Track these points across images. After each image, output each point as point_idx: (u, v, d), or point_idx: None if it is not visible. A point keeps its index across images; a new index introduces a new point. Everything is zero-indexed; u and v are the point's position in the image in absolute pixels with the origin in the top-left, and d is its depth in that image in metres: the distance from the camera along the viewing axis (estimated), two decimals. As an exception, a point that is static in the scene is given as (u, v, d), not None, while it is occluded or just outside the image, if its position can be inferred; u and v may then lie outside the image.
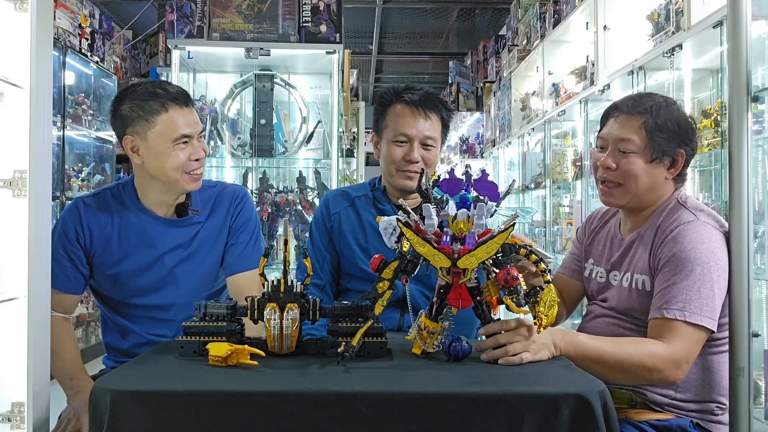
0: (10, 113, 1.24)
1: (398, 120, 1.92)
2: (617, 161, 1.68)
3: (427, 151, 1.91)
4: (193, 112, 1.82)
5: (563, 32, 4.61)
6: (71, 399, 1.76)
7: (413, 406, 1.15)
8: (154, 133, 1.75)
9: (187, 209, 1.86)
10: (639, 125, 1.65)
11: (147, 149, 1.76)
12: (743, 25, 1.56)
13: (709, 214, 1.65)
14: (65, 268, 1.80)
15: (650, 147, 1.64)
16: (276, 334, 1.39)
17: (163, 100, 1.75)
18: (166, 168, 1.76)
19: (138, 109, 1.75)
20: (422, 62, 9.78)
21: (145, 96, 1.76)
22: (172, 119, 1.75)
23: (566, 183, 4.84)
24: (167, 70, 3.90)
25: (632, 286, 1.67)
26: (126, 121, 1.77)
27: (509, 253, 1.38)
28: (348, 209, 2.00)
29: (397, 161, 1.91)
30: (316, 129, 3.72)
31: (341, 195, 2.04)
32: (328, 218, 2.00)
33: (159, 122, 1.74)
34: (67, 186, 4.82)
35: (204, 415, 1.15)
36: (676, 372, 1.50)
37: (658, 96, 1.73)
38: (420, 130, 1.89)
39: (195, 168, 1.79)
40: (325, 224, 2.00)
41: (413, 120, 1.90)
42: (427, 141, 1.91)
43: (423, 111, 1.90)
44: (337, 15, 3.56)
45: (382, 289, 1.38)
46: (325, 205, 2.03)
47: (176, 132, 1.75)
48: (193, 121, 1.80)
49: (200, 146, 1.81)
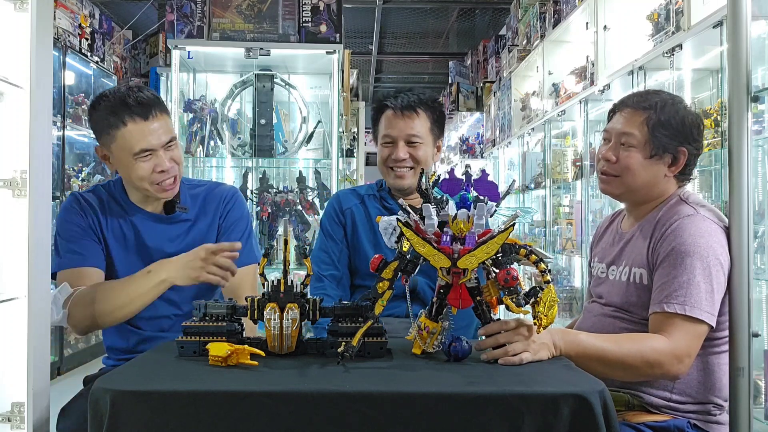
0: (10, 113, 1.25)
1: (385, 123, 2.05)
2: (617, 154, 1.70)
3: (413, 149, 2.01)
4: (161, 119, 1.77)
5: (563, 32, 4.61)
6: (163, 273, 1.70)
7: (413, 406, 1.15)
8: (116, 147, 1.76)
9: (175, 206, 1.88)
10: (642, 120, 1.67)
11: (114, 159, 1.79)
12: (743, 25, 1.56)
13: (710, 209, 1.65)
14: (84, 245, 1.80)
15: (650, 143, 1.65)
16: (276, 334, 1.39)
17: (122, 115, 1.73)
18: (133, 178, 1.78)
19: (101, 122, 1.77)
20: (422, 62, 9.77)
21: (107, 111, 1.75)
22: (131, 134, 1.74)
23: (566, 183, 4.84)
24: (167, 70, 3.91)
25: (630, 279, 1.67)
26: (94, 132, 1.80)
27: (509, 253, 1.38)
28: (359, 206, 2.09)
29: (385, 160, 2.04)
30: (316, 129, 3.72)
31: (351, 192, 2.15)
32: (341, 213, 2.09)
33: (118, 137, 1.75)
34: (67, 186, 4.82)
35: (204, 415, 1.15)
36: (678, 366, 1.50)
37: (666, 93, 1.74)
38: (402, 129, 2.01)
39: (161, 180, 1.78)
40: (338, 218, 2.09)
41: (396, 122, 2.02)
42: (411, 139, 2.01)
43: (406, 112, 2.02)
44: (337, 15, 3.56)
45: (382, 289, 1.38)
46: (337, 201, 2.13)
47: (135, 146, 1.74)
48: (159, 132, 1.76)
49: (167, 156, 1.78)
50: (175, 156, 1.81)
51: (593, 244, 1.96)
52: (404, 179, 2.01)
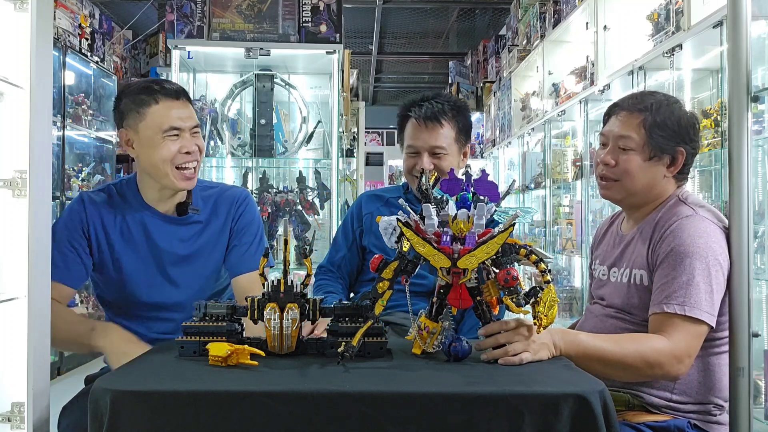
0: (10, 113, 1.24)
1: (409, 134, 2.07)
2: (616, 158, 1.69)
3: (437, 159, 2.02)
4: (188, 106, 1.82)
5: (563, 32, 4.61)
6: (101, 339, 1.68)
7: (413, 406, 1.15)
8: (145, 125, 1.77)
9: (187, 208, 1.87)
10: (638, 123, 1.66)
11: (139, 142, 1.79)
12: (743, 25, 1.56)
13: (709, 210, 1.65)
14: (66, 258, 1.79)
15: (649, 144, 1.65)
16: (276, 334, 1.39)
17: (154, 93, 1.77)
18: (156, 159, 1.77)
19: (131, 103, 1.78)
20: (422, 62, 9.77)
21: (138, 90, 1.79)
22: (162, 110, 1.77)
23: (566, 183, 4.84)
24: (167, 70, 3.90)
25: (631, 281, 1.67)
26: (122, 115, 1.81)
27: (509, 253, 1.38)
28: (381, 208, 2.12)
29: (410, 170, 2.07)
30: (316, 129, 3.72)
31: (375, 196, 2.21)
32: (359, 219, 2.15)
33: (149, 114, 1.77)
34: (67, 186, 4.82)
35: (204, 415, 1.15)
36: (678, 367, 1.50)
37: (660, 94, 1.74)
38: (426, 141, 2.02)
39: (185, 161, 1.79)
40: (353, 225, 2.15)
41: (420, 132, 2.04)
42: (435, 150, 2.02)
43: (429, 123, 2.03)
44: (337, 15, 3.55)
45: (382, 289, 1.38)
46: (358, 206, 2.18)
47: (165, 123, 1.76)
48: (186, 115, 1.80)
49: (193, 141, 1.81)
50: (199, 143, 1.83)
51: (593, 247, 1.96)
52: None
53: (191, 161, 1.80)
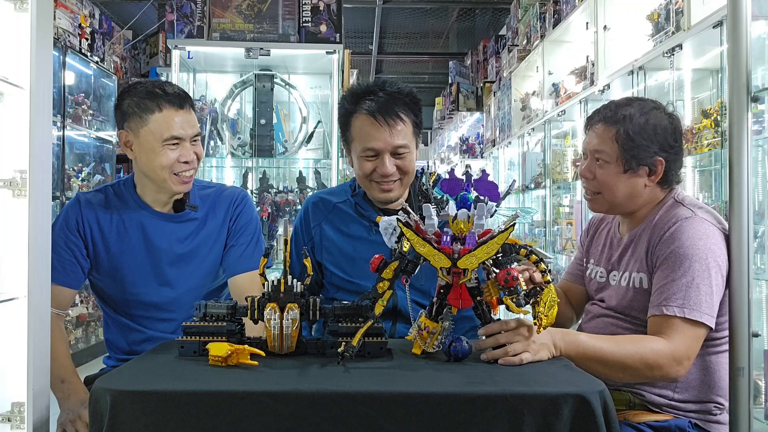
0: (10, 113, 1.24)
1: (362, 133, 1.76)
2: (593, 171, 1.70)
3: (400, 160, 1.75)
4: (190, 114, 1.82)
5: (563, 32, 4.61)
6: (64, 402, 1.71)
7: (413, 406, 1.15)
8: (147, 131, 1.77)
9: (184, 204, 1.87)
10: (611, 136, 1.66)
11: (138, 145, 1.80)
12: (743, 25, 1.56)
13: (708, 211, 1.65)
14: (63, 261, 1.80)
15: (622, 158, 1.65)
16: (276, 334, 1.39)
17: (159, 100, 1.77)
18: (155, 165, 1.78)
19: (135, 106, 1.78)
20: (422, 62, 9.77)
21: (143, 94, 1.79)
22: (165, 119, 1.77)
23: (566, 183, 4.84)
24: (167, 70, 3.90)
25: (630, 284, 1.67)
26: (124, 116, 1.81)
27: (509, 253, 1.38)
28: (330, 216, 1.88)
29: (370, 175, 1.77)
30: (316, 129, 3.72)
31: (321, 201, 1.91)
32: (308, 233, 1.89)
33: (151, 120, 1.77)
34: (67, 186, 4.82)
35: (204, 415, 1.15)
36: (677, 368, 1.50)
37: (637, 103, 1.70)
38: (387, 141, 1.73)
39: (183, 170, 1.80)
40: (304, 240, 1.89)
41: (377, 131, 1.73)
42: (397, 150, 1.74)
43: (386, 119, 1.72)
44: (337, 15, 3.55)
45: (382, 289, 1.38)
46: (305, 217, 1.91)
47: (166, 132, 1.77)
48: (188, 124, 1.80)
49: (192, 149, 1.81)
50: (197, 151, 1.84)
51: (584, 240, 1.93)
52: (392, 192, 1.77)
53: (189, 170, 1.82)
